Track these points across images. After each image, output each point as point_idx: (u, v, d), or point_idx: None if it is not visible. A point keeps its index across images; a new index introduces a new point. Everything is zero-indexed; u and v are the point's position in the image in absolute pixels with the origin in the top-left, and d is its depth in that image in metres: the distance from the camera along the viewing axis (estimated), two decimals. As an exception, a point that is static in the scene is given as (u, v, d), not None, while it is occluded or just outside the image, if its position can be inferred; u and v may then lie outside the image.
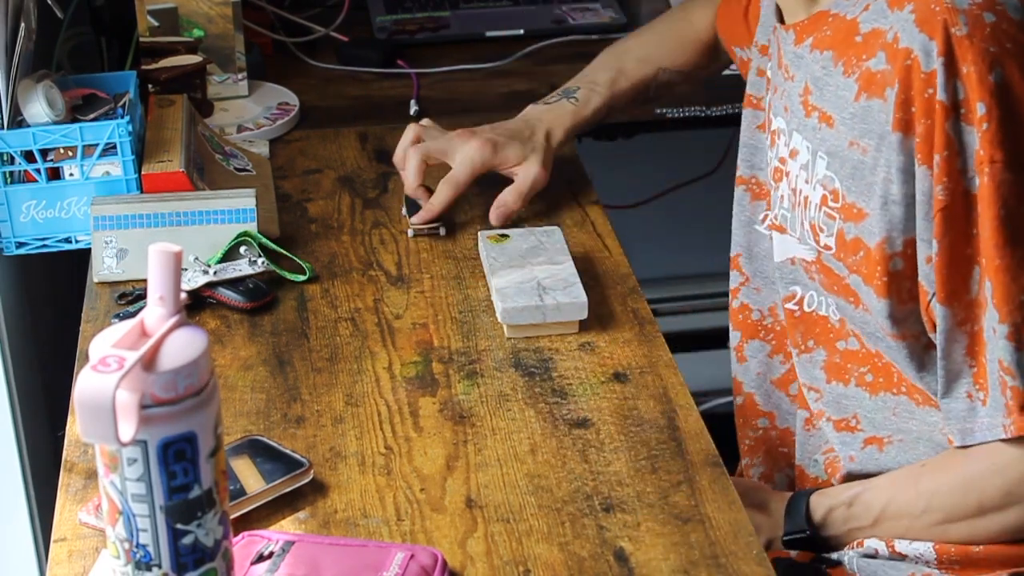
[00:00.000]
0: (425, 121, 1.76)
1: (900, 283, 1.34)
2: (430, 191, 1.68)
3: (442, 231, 1.67)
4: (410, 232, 1.66)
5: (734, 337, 1.64)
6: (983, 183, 1.27)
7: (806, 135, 1.41)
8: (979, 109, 1.27)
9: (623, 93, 1.79)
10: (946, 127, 1.27)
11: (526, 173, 1.68)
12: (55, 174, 1.63)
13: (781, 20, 1.49)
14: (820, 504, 1.45)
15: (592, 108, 1.76)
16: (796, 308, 1.50)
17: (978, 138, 1.27)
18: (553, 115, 1.74)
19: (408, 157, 1.68)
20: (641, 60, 1.81)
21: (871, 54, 1.32)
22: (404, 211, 1.69)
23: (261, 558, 1.13)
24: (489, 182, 1.80)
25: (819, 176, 1.39)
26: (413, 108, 2.03)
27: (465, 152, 1.67)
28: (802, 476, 1.55)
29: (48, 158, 1.62)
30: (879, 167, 1.31)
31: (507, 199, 1.67)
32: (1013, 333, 1.28)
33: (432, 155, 1.68)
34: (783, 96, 1.46)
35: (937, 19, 1.28)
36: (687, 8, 1.85)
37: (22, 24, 1.62)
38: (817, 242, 1.41)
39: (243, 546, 1.14)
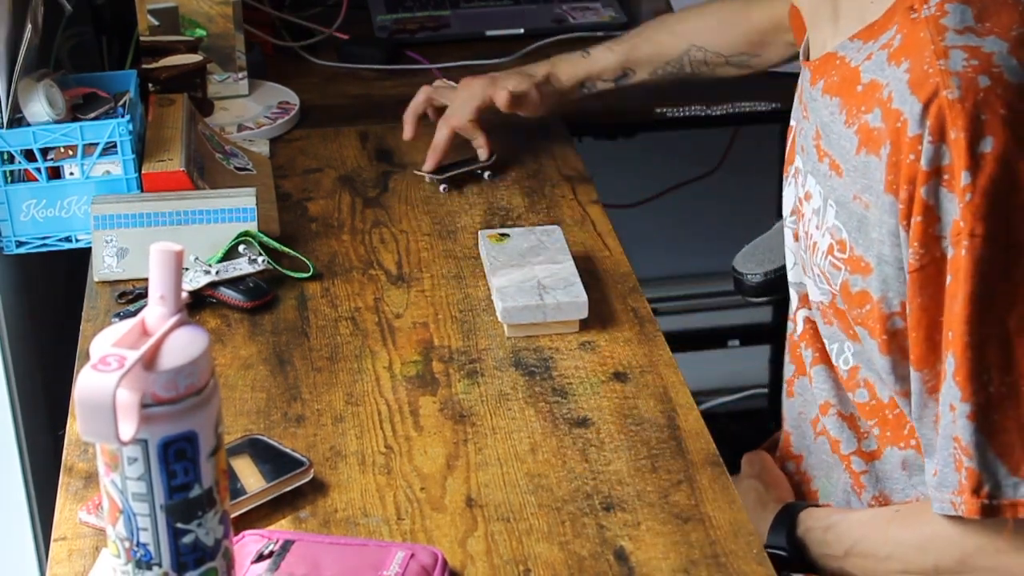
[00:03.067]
0: (438, 82, 1.89)
1: (902, 342, 1.29)
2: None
3: (443, 188, 1.77)
4: (427, 178, 1.79)
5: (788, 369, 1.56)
6: (958, 254, 1.21)
7: (819, 180, 1.36)
8: (964, 178, 1.20)
9: (644, 59, 1.80)
10: (922, 192, 1.21)
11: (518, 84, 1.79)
12: (55, 173, 1.63)
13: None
14: (803, 521, 1.42)
15: (603, 63, 1.81)
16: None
17: (959, 207, 1.20)
18: (561, 60, 1.81)
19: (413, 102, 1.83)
20: (672, 32, 1.81)
21: (869, 108, 1.28)
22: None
23: (261, 557, 1.13)
24: (496, 179, 1.80)
25: (828, 224, 1.34)
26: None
27: (464, 89, 1.80)
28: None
29: (48, 157, 1.62)
30: (876, 225, 1.27)
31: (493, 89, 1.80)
32: (975, 413, 1.22)
33: (436, 97, 1.83)
34: (802, 135, 1.42)
35: (929, 82, 1.22)
36: None
37: (28, 24, 1.62)
38: (830, 286, 1.36)
39: (243, 545, 1.14)
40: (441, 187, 1.77)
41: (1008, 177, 1.20)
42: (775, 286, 1.68)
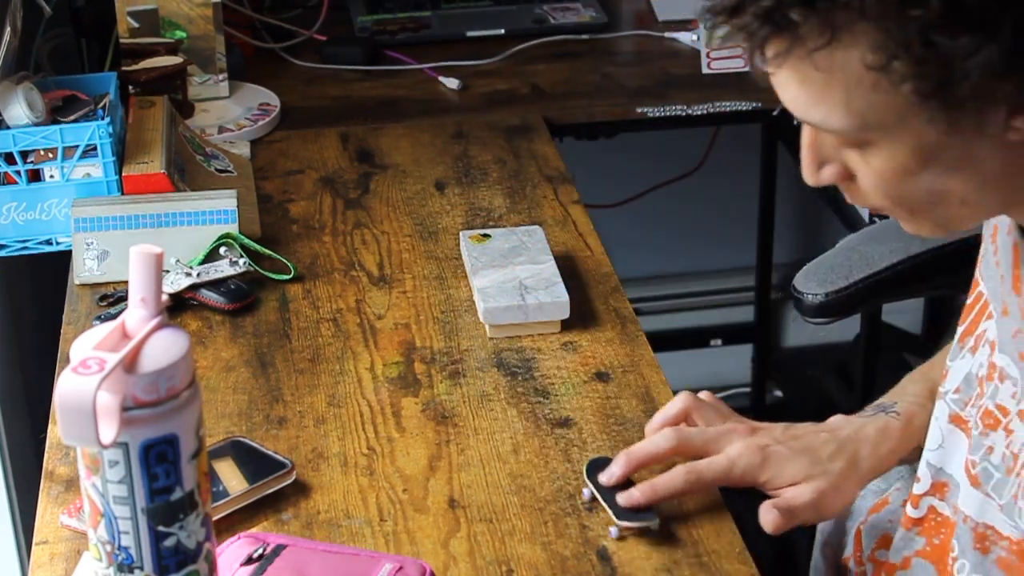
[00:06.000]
0: (705, 395, 1.34)
1: None
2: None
3: (655, 523, 1.20)
4: (613, 531, 1.21)
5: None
6: None
7: None
8: None
9: None
10: None
11: (795, 494, 1.25)
12: (35, 176, 1.63)
13: None
14: None
15: (918, 424, 1.32)
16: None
17: None
18: (867, 432, 1.30)
19: (657, 438, 1.26)
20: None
21: None
22: (588, 492, 1.25)
23: (250, 560, 1.12)
24: (477, 180, 1.80)
25: None
26: (456, 83, 2.09)
27: (729, 450, 1.25)
28: None
29: (28, 160, 1.62)
30: None
31: (764, 517, 1.24)
32: None
33: (692, 447, 1.26)
34: (1020, 338, 1.14)
35: None
36: None
37: (7, 26, 1.61)
38: None
39: (238, 547, 1.14)
40: (614, 531, 1.22)
41: None
42: (837, 307, 1.59)
